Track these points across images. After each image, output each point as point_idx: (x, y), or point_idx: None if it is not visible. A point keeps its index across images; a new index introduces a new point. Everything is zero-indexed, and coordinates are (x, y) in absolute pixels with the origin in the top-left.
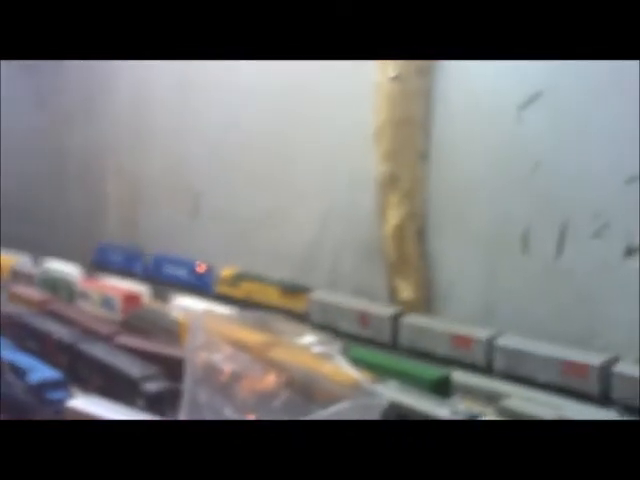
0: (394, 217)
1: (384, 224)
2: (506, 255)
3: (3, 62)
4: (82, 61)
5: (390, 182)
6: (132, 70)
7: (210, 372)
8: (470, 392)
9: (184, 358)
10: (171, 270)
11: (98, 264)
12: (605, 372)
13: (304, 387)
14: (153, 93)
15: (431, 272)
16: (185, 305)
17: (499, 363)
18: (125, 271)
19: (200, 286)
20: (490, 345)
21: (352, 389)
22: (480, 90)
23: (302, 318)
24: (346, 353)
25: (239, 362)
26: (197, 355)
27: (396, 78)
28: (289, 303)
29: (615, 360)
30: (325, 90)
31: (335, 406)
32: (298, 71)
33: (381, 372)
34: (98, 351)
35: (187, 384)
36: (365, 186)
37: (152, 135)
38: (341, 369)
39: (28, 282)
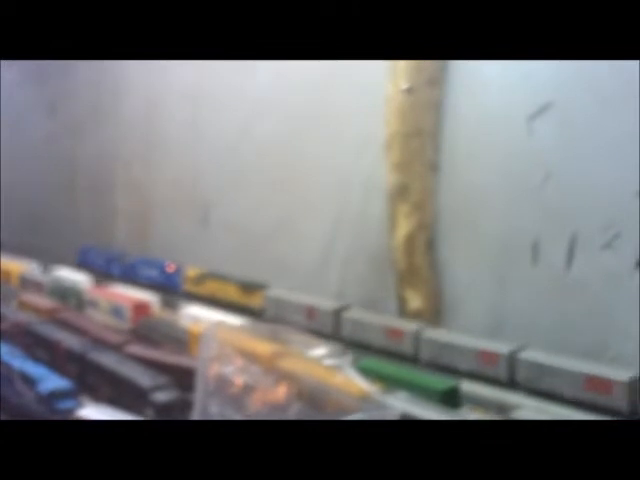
0: (404, 228)
1: (394, 235)
2: (516, 266)
3: (15, 71)
4: (94, 71)
5: (400, 193)
6: (143, 81)
7: (222, 384)
8: (480, 403)
9: (194, 368)
10: (145, 271)
11: (81, 265)
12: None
13: (315, 399)
14: (164, 104)
15: (441, 283)
16: (194, 314)
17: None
18: (104, 272)
19: (169, 285)
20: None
21: (362, 401)
22: (490, 101)
23: (258, 313)
24: (356, 364)
25: (250, 374)
26: (209, 367)
27: (408, 90)
28: (247, 299)
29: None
30: (336, 102)
31: (346, 418)
32: (309, 83)
33: (390, 383)
34: (108, 360)
35: (198, 395)
36: (375, 197)
37: (163, 146)
38: (351, 381)
39: (38, 290)
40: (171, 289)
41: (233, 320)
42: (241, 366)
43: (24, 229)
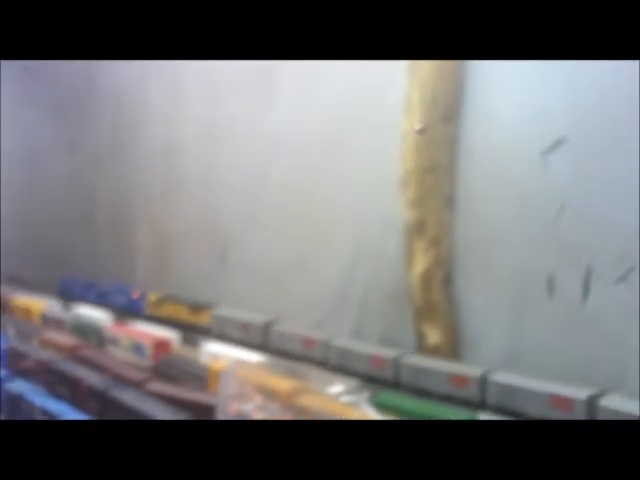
0: (421, 263)
1: (411, 270)
2: (532, 299)
3: (36, 110)
4: (112, 109)
5: (417, 229)
6: (161, 117)
7: None
8: None
9: (214, 405)
10: (115, 297)
11: (61, 293)
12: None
13: None
14: (182, 140)
15: (458, 317)
16: (214, 352)
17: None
18: (82, 299)
19: (135, 309)
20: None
21: None
22: (504, 136)
23: (206, 330)
24: (373, 400)
25: (269, 411)
26: (229, 404)
27: (421, 131)
28: (196, 319)
29: None
30: (352, 140)
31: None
32: (326, 121)
33: (408, 417)
34: (129, 397)
35: None
36: (392, 233)
37: (182, 183)
38: (369, 417)
39: (58, 327)
40: (136, 312)
41: (252, 357)
42: (260, 403)
43: (44, 266)
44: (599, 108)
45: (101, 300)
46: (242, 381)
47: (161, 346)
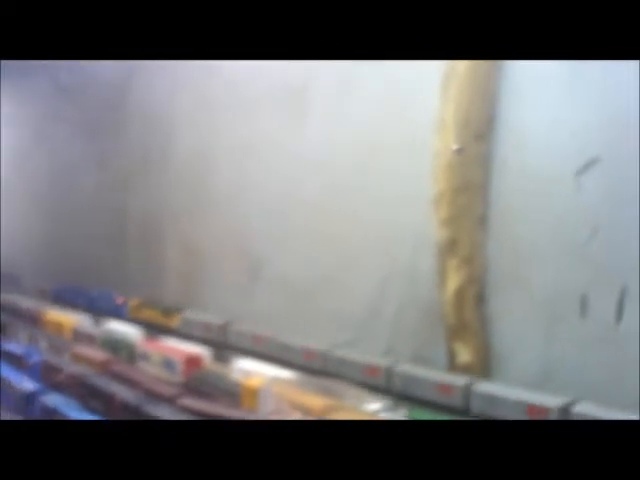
0: (453, 282)
1: (443, 289)
2: (564, 319)
3: (65, 128)
4: (143, 127)
5: (449, 247)
6: (192, 136)
7: None
8: None
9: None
10: (101, 303)
11: (56, 299)
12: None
13: None
14: (213, 159)
15: (490, 336)
16: (246, 368)
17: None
18: (72, 304)
19: (118, 313)
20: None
21: None
22: (537, 155)
23: (176, 331)
24: (408, 417)
25: None
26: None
27: (459, 151)
28: (168, 321)
29: None
30: (384, 159)
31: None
32: (358, 141)
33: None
34: (162, 413)
35: None
36: (424, 252)
37: (211, 200)
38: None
39: (89, 342)
40: (120, 317)
41: (283, 374)
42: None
43: (74, 281)
44: (634, 128)
45: (90, 306)
46: (279, 398)
47: (192, 362)
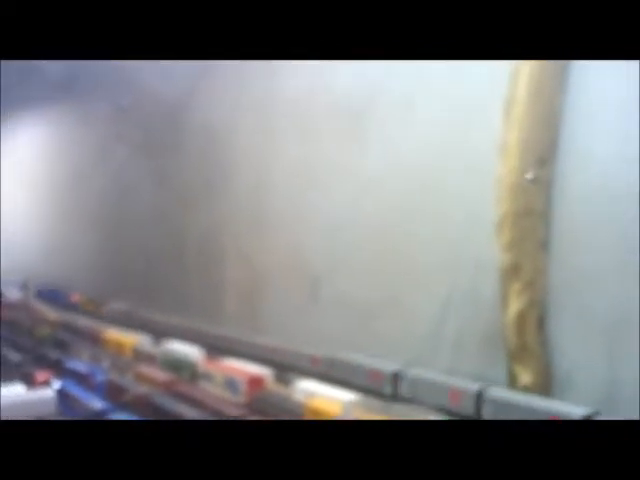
0: (515, 305)
1: (505, 312)
2: (626, 342)
3: (126, 145)
4: (203, 144)
5: (512, 271)
6: (253, 157)
7: None
8: None
9: None
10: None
11: (39, 298)
12: None
13: None
14: (273, 179)
15: (551, 359)
16: (308, 389)
17: None
18: (52, 304)
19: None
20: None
21: None
22: (600, 178)
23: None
24: None
25: None
26: None
27: (532, 181)
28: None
29: None
30: (446, 182)
31: None
32: (420, 163)
33: None
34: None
35: None
36: (486, 276)
37: (271, 221)
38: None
39: (150, 362)
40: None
41: (345, 396)
42: None
43: (134, 300)
44: None
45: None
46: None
47: (255, 382)
